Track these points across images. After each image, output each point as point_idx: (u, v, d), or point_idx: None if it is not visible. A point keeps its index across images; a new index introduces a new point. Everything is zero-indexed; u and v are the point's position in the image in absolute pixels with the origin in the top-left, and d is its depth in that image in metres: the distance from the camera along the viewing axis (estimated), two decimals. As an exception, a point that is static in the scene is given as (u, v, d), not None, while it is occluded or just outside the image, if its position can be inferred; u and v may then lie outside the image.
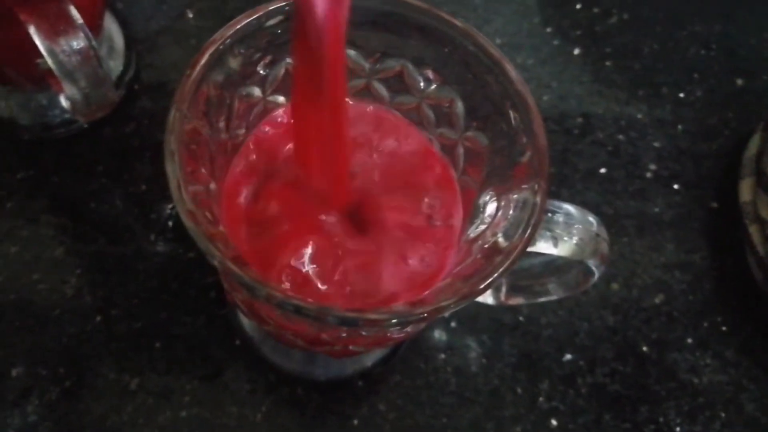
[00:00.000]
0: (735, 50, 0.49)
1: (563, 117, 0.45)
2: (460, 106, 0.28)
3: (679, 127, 0.46)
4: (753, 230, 0.40)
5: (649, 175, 0.44)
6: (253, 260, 0.25)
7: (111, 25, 0.44)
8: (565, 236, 0.26)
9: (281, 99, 0.29)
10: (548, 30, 0.48)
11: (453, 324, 0.39)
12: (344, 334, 0.25)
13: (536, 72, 0.47)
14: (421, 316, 0.22)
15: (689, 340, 0.40)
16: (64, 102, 0.40)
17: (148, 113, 0.43)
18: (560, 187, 0.43)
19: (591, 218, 0.27)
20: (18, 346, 0.36)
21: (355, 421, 0.36)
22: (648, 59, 0.48)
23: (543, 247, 0.26)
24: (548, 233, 0.26)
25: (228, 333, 0.37)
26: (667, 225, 0.43)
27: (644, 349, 0.40)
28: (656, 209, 0.43)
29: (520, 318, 0.39)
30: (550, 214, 0.26)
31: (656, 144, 0.45)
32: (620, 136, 0.45)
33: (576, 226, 0.26)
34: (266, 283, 0.22)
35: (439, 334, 0.39)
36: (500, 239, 0.24)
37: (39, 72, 0.34)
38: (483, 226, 0.26)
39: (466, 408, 0.37)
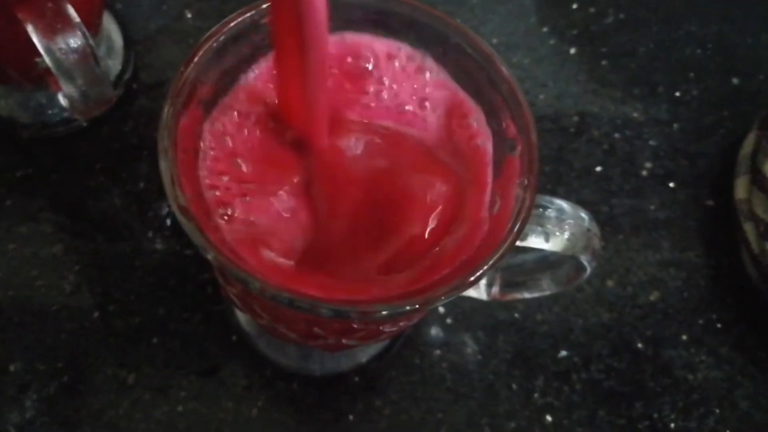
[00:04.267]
0: (731, 50, 0.49)
1: (559, 116, 0.46)
2: (454, 102, 0.28)
3: (675, 125, 0.46)
4: (748, 228, 0.41)
5: (644, 173, 0.44)
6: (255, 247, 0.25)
7: (110, 25, 0.44)
8: (557, 231, 0.26)
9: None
10: (544, 30, 0.48)
11: (449, 320, 0.39)
12: (336, 326, 0.25)
13: (532, 71, 0.47)
14: (412, 307, 0.22)
15: (684, 337, 0.40)
16: (62, 100, 0.40)
17: (147, 112, 0.43)
18: (556, 185, 0.43)
19: (583, 214, 0.27)
20: (16, 342, 0.37)
21: (351, 417, 0.37)
22: (644, 59, 0.48)
23: (534, 242, 0.26)
24: (539, 228, 0.26)
25: (225, 329, 0.38)
26: (663, 223, 0.43)
27: (639, 345, 0.40)
28: (652, 207, 0.43)
29: (516, 315, 0.40)
30: (542, 210, 0.26)
31: (652, 143, 0.45)
32: (616, 135, 0.45)
33: (568, 221, 0.26)
34: (259, 277, 0.23)
35: (434, 331, 0.39)
36: (491, 233, 0.25)
37: (38, 71, 0.34)
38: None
39: (461, 404, 0.38)
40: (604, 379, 0.39)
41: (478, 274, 0.23)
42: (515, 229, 0.24)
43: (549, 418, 0.38)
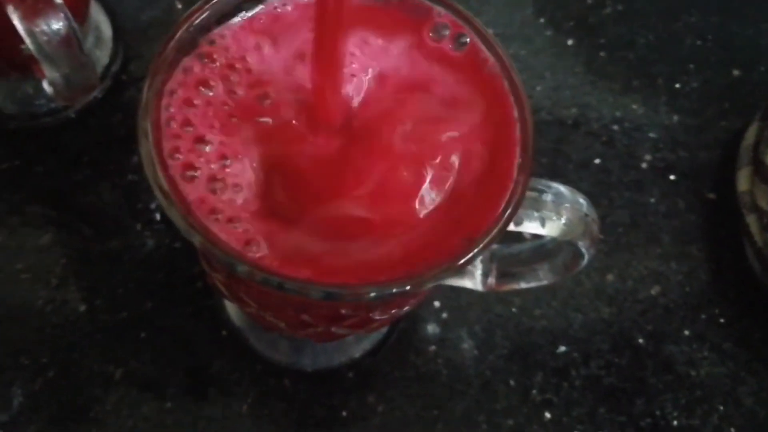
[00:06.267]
0: (731, 41, 0.48)
1: (556, 108, 0.45)
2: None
3: (675, 117, 0.45)
4: (751, 220, 0.40)
5: (644, 165, 0.44)
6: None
7: (99, 16, 0.43)
8: (554, 216, 0.26)
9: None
10: (541, 21, 0.47)
11: (444, 315, 0.38)
12: (325, 312, 0.25)
13: (529, 63, 0.46)
14: (401, 289, 0.21)
15: (686, 332, 0.39)
16: (46, 86, 0.40)
17: (136, 104, 0.42)
18: (554, 178, 0.42)
19: (581, 198, 0.26)
20: (0, 336, 0.36)
21: (344, 413, 0.36)
22: (643, 50, 0.47)
23: (530, 226, 0.26)
24: (535, 213, 0.25)
25: (214, 323, 0.37)
26: (663, 216, 0.42)
27: (640, 341, 0.39)
28: (652, 200, 0.43)
29: (513, 309, 0.39)
30: (537, 194, 0.26)
31: (652, 135, 0.45)
32: (615, 127, 0.44)
33: (565, 205, 0.26)
34: (247, 260, 0.22)
35: (430, 325, 0.38)
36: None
37: (23, 58, 0.33)
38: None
39: (457, 400, 0.36)
40: (604, 375, 0.38)
41: (468, 256, 0.22)
42: (508, 211, 0.23)
43: (548, 415, 0.37)
